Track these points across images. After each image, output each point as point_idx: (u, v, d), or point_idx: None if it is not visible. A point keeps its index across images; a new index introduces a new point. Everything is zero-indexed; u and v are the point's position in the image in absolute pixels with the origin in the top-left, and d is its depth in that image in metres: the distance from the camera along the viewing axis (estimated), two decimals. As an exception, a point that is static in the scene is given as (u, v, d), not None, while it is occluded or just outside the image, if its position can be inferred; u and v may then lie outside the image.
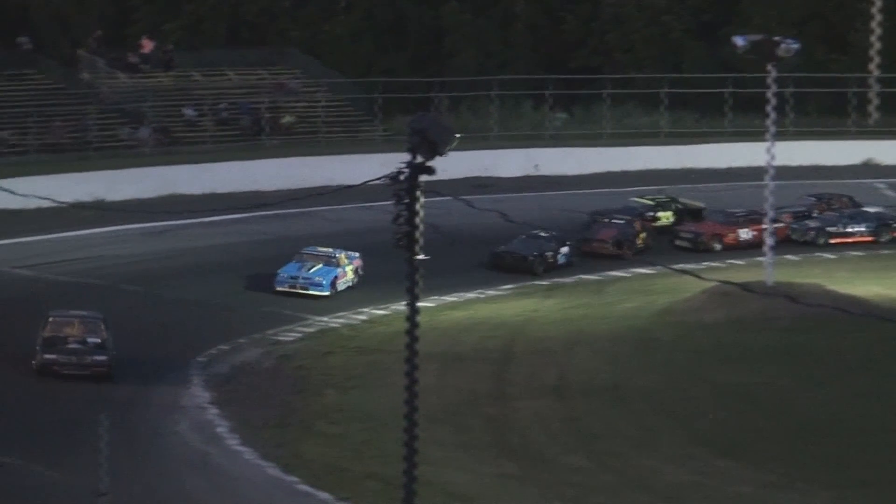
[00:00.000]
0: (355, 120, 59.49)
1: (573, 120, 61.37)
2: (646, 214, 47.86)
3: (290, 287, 40.07)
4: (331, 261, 40.82)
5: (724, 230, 46.90)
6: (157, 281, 40.77)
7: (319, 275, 40.21)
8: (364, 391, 33.67)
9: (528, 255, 43.49)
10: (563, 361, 36.28)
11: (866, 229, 48.12)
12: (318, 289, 40.10)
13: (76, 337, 32.91)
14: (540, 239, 44.06)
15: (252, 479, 28.36)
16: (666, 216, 48.68)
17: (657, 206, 49.06)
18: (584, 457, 30.45)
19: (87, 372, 32.43)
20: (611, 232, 45.75)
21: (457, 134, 16.80)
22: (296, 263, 40.62)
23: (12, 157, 52.16)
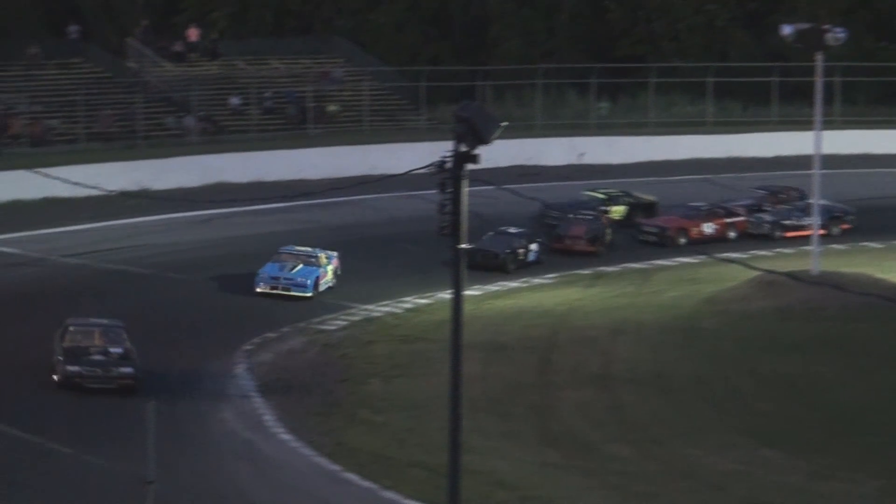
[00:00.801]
0: (400, 109, 59.53)
1: (618, 109, 61.20)
2: (598, 208, 46.73)
3: (271, 288, 38.69)
4: (311, 260, 39.51)
5: (688, 224, 46.28)
6: (203, 269, 40.96)
7: (302, 275, 38.92)
8: (408, 380, 33.74)
9: (499, 253, 42.35)
10: (607, 350, 36.23)
11: (818, 222, 47.34)
12: (301, 289, 38.73)
13: (98, 347, 31.43)
14: (510, 235, 43.02)
15: (296, 467, 28.49)
16: (618, 210, 47.60)
17: (608, 199, 47.99)
18: (627, 445, 30.41)
19: (113, 385, 30.88)
20: (582, 228, 44.81)
21: (501, 123, 16.78)
22: (275, 264, 39.30)
23: (62, 145, 52.54)
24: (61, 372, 31.09)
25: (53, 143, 52.60)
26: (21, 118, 52.66)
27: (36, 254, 42.24)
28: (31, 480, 25.82)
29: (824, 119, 42.64)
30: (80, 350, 31.34)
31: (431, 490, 26.34)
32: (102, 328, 32.21)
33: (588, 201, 47.35)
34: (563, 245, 44.36)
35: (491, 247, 42.37)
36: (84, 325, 32.34)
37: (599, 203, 47.37)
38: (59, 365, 31.24)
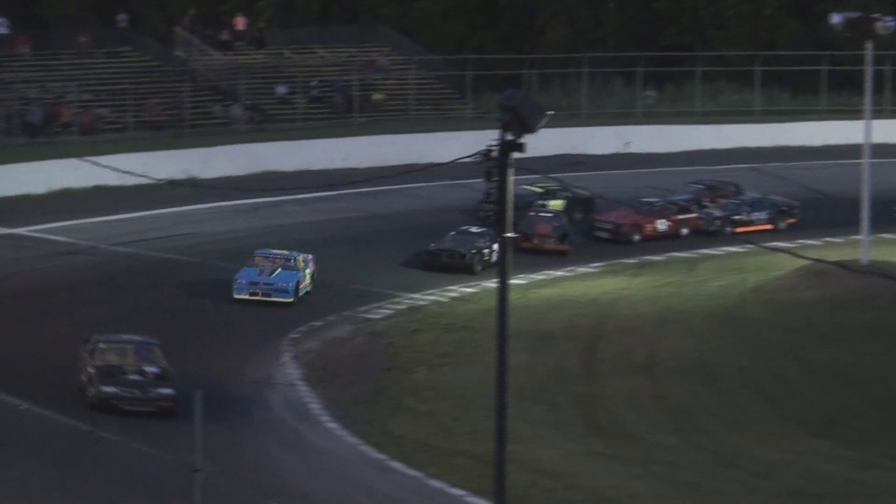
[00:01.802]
0: (445, 97, 59.51)
1: (664, 97, 60.97)
2: (535, 203, 45.13)
3: (250, 294, 36.80)
4: (289, 264, 37.70)
5: (643, 220, 44.92)
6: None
7: (282, 280, 37.10)
8: (453, 368, 33.77)
9: (466, 253, 40.70)
10: (653, 339, 36.14)
11: (766, 217, 46.41)
12: (283, 295, 36.91)
13: (133, 366, 29.38)
14: (473, 235, 41.41)
15: (343, 455, 28.57)
16: (556, 205, 45.88)
17: (546, 193, 46.21)
18: (673, 435, 30.34)
19: (151, 407, 28.84)
20: (549, 226, 43.28)
21: (547, 111, 16.76)
22: (252, 268, 37.38)
23: (110, 134, 52.87)
24: (95, 392, 29.00)
25: (102, 132, 52.94)
26: (71, 107, 53.03)
27: (86, 242, 42.53)
28: (83, 468, 26.02)
29: (874, 108, 42.31)
30: (113, 369, 29.21)
31: (477, 479, 26.37)
32: (136, 345, 30.08)
33: (525, 195, 45.02)
34: (533, 244, 42.65)
35: (457, 247, 40.81)
36: (115, 341, 30.13)
37: (537, 197, 45.60)
38: (91, 385, 29.11)
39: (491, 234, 41.04)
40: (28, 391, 27.55)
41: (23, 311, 35.42)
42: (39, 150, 47.68)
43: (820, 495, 27.38)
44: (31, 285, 37.85)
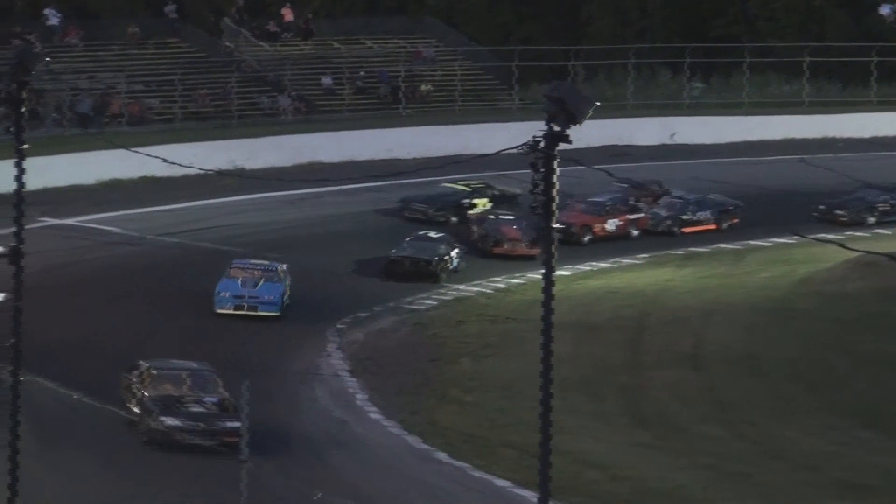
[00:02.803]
0: (491, 88, 59.49)
1: (711, 89, 60.72)
2: (462, 202, 44.41)
3: (235, 308, 34.76)
4: (271, 275, 35.83)
5: (593, 221, 43.54)
6: (295, 248, 41.23)
7: (268, 292, 35.22)
8: (499, 360, 33.78)
9: (430, 260, 38.88)
10: (699, 331, 36.02)
11: (711, 216, 45.30)
12: (271, 308, 35.07)
13: (191, 396, 27.17)
14: (433, 241, 39.84)
15: (388, 446, 28.63)
16: (482, 203, 44.67)
17: (473, 192, 45.07)
18: (719, 426, 30.25)
19: (215, 442, 26.14)
20: (516, 230, 41.70)
21: (593, 102, 16.71)
22: (233, 280, 35.36)
23: (159, 124, 53.17)
24: (153, 425, 26.67)
25: (151, 123, 53.25)
26: (120, 97, 53.36)
27: (134, 232, 42.80)
28: (131, 458, 26.19)
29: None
30: (170, 399, 26.98)
31: (522, 470, 26.39)
32: (192, 373, 27.91)
33: (450, 193, 44.80)
34: (504, 249, 41.18)
35: (419, 253, 39.03)
36: (170, 368, 27.94)
37: (464, 196, 44.68)
38: (147, 416, 26.88)
39: (448, 240, 39.90)
40: (78, 381, 27.74)
41: (72, 301, 35.67)
42: (89, 140, 47.99)
43: (868, 487, 27.24)
44: (81, 275, 38.11)
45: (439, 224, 43.35)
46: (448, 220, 43.89)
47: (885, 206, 46.44)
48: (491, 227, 41.99)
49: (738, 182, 50.17)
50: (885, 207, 46.39)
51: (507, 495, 26.20)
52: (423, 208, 44.39)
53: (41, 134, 47.24)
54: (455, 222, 43.79)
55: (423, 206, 44.42)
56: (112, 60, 55.19)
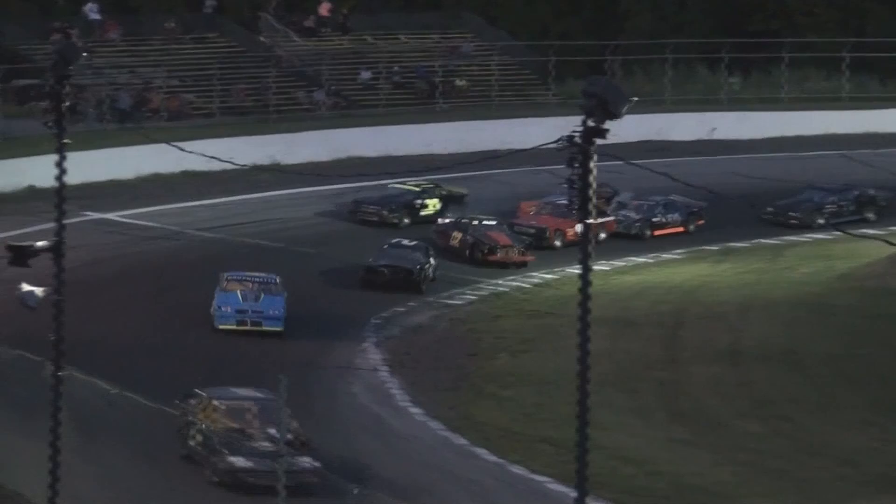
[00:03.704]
0: (528, 83, 59.44)
1: (749, 84, 60.48)
2: (414, 203, 43.53)
3: (237, 323, 32.97)
4: (271, 287, 33.98)
5: (564, 224, 41.80)
6: (333, 243, 41.33)
7: (271, 306, 33.40)
8: (535, 355, 33.77)
9: (412, 269, 37.19)
10: (737, 326, 35.91)
11: (679, 218, 44.24)
12: (274, 324, 33.18)
13: (258, 431, 24.51)
14: (409, 249, 38.18)
15: (425, 440, 28.67)
16: (433, 204, 43.72)
17: (423, 192, 44.01)
18: (758, 422, 30.15)
19: (293, 484, 22.15)
20: (506, 236, 40.65)
21: (631, 98, 16.70)
22: (230, 294, 33.49)
23: (197, 119, 53.38)
24: (220, 465, 24.38)
25: (190, 117, 53.46)
26: (159, 92, 53.59)
27: (172, 227, 42.98)
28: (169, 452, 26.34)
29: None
30: (237, 435, 24.45)
31: (559, 465, 26.38)
32: (259, 405, 24.94)
33: (400, 194, 43.79)
34: (499, 257, 39.93)
35: (400, 262, 37.32)
36: (233, 399, 25.20)
37: (415, 196, 43.72)
38: (212, 454, 24.46)
39: (424, 247, 38.35)
40: (117, 376, 27.88)
41: (111, 295, 35.85)
42: (128, 135, 48.21)
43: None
44: (119, 270, 38.30)
45: (393, 226, 42.42)
46: (401, 221, 42.99)
47: (833, 207, 45.55)
48: (479, 233, 40.39)
49: (778, 177, 49.95)
50: (833, 209, 45.48)
51: (543, 490, 26.20)
52: (375, 210, 43.25)
53: (81, 129, 47.46)
54: (407, 224, 42.79)
55: (375, 208, 43.29)
56: (151, 55, 55.44)
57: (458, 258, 40.17)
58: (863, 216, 45.71)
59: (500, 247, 40.21)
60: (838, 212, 45.59)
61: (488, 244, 40.20)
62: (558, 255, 41.05)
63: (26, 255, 19.66)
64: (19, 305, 20.37)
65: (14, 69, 51.25)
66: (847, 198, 45.89)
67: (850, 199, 45.91)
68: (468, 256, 40.15)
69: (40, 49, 52.15)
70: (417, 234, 40.63)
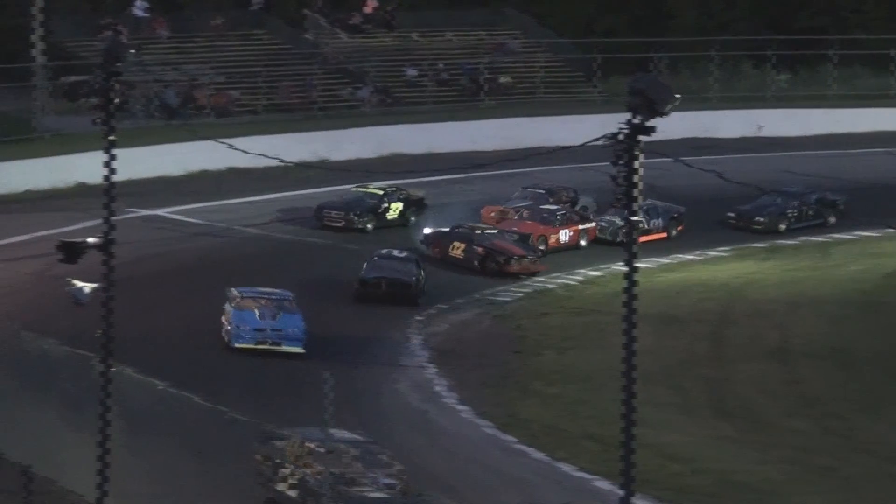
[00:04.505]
0: (574, 80, 59.37)
1: (797, 81, 60.18)
2: (379, 207, 42.44)
3: (256, 343, 31.32)
4: (286, 304, 32.23)
5: (547, 231, 41.01)
6: (378, 240, 41.36)
7: (291, 325, 31.65)
8: (580, 352, 33.75)
9: (410, 281, 35.63)
10: (785, 324, 35.75)
11: (661, 224, 43.03)
12: (295, 344, 31.53)
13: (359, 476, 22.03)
14: (402, 260, 36.38)
15: (470, 437, 28.70)
16: (395, 207, 42.70)
17: (386, 196, 42.87)
18: (805, 420, 30.02)
19: None
20: (514, 246, 39.28)
21: (676, 95, 16.67)
22: (246, 311, 31.75)
23: (243, 116, 53.61)
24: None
25: (236, 114, 53.70)
26: (206, 89, 53.84)
27: (219, 224, 43.19)
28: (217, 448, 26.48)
29: None
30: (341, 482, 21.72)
31: (604, 462, 26.35)
32: (358, 448, 22.74)
33: (363, 198, 42.56)
34: (518, 268, 38.62)
35: (397, 275, 35.63)
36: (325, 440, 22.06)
37: (379, 200, 42.54)
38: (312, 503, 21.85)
39: (415, 258, 36.70)
40: (163, 371, 28.05)
41: (159, 292, 36.05)
42: (175, 132, 48.48)
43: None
44: (166, 266, 38.52)
45: (360, 231, 41.52)
46: (367, 226, 41.97)
47: (796, 211, 44.54)
48: (486, 243, 38.83)
49: (825, 175, 49.73)
50: (796, 213, 44.53)
51: (589, 487, 26.17)
52: (342, 215, 41.93)
53: (129, 125, 47.74)
54: (373, 229, 41.82)
55: (342, 213, 41.98)
56: (198, 52, 55.72)
57: (461, 269, 38.47)
58: (823, 220, 44.78)
59: (516, 257, 38.82)
60: (801, 216, 44.56)
61: (503, 255, 38.67)
62: (605, 251, 40.93)
63: (76, 251, 19.77)
64: (69, 301, 20.51)
65: (64, 66, 51.66)
66: (809, 202, 44.83)
67: (811, 202, 44.86)
68: (480, 268, 38.52)
69: (89, 46, 52.52)
70: (384, 239, 39.82)
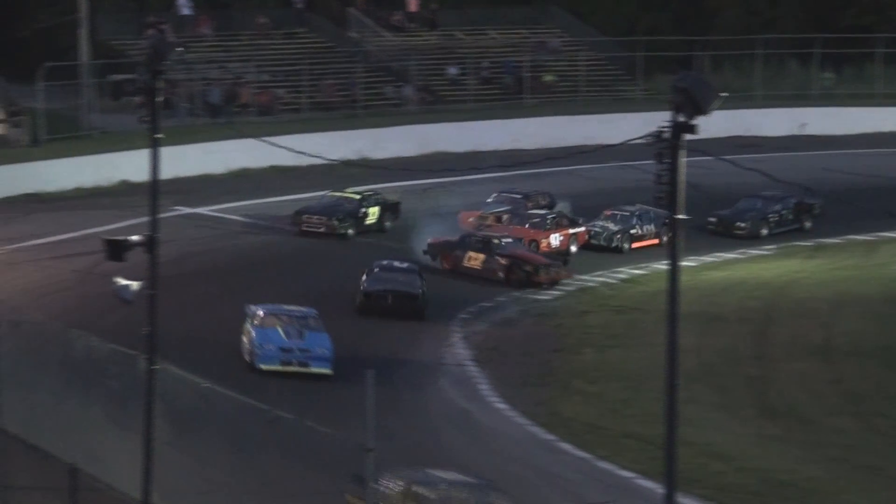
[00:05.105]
0: (616, 79, 59.28)
1: (842, 79, 59.85)
2: (359, 211, 41.54)
3: (282, 364, 29.66)
4: (310, 322, 30.69)
5: (538, 235, 39.96)
6: (421, 238, 41.41)
7: (319, 344, 30.10)
8: (622, 350, 33.69)
9: (418, 294, 34.25)
10: (829, 322, 35.57)
11: (654, 230, 41.45)
12: (323, 365, 29.91)
13: None
14: (405, 271, 34.96)
15: (512, 435, 28.71)
16: (373, 212, 41.75)
17: (364, 200, 41.89)
18: (850, 418, 29.86)
19: None
20: (537, 255, 38.40)
21: (720, 93, 16.63)
22: (270, 330, 30.25)
23: (286, 114, 53.81)
24: None
25: (279, 113, 53.89)
26: (249, 87, 54.05)
27: (262, 221, 43.34)
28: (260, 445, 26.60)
29: None
30: None
31: (646, 461, 26.29)
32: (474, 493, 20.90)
33: (341, 203, 41.46)
34: (547, 277, 37.52)
35: (403, 287, 34.20)
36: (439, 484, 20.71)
37: (358, 205, 41.54)
38: None
39: (416, 269, 35.21)
40: (208, 369, 28.20)
41: (203, 289, 36.22)
42: (219, 130, 48.73)
43: None
44: (210, 264, 38.69)
45: (341, 237, 40.59)
46: (348, 232, 40.96)
47: (776, 216, 43.70)
48: (506, 252, 37.62)
49: (870, 173, 49.44)
50: (776, 218, 43.68)
51: (631, 486, 26.14)
52: (323, 220, 40.75)
53: (173, 123, 48.02)
54: (354, 234, 40.87)
55: (322, 219, 40.79)
56: (241, 50, 55.97)
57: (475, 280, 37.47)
58: (801, 224, 44.00)
59: (543, 266, 37.68)
60: (781, 220, 43.78)
61: (531, 265, 37.56)
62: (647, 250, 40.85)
63: (122, 249, 19.83)
64: (115, 299, 20.62)
65: (110, 64, 51.98)
66: (787, 206, 43.98)
67: (790, 207, 44.02)
68: (505, 279, 37.35)
69: (135, 44, 52.84)
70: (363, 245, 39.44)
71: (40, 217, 42.41)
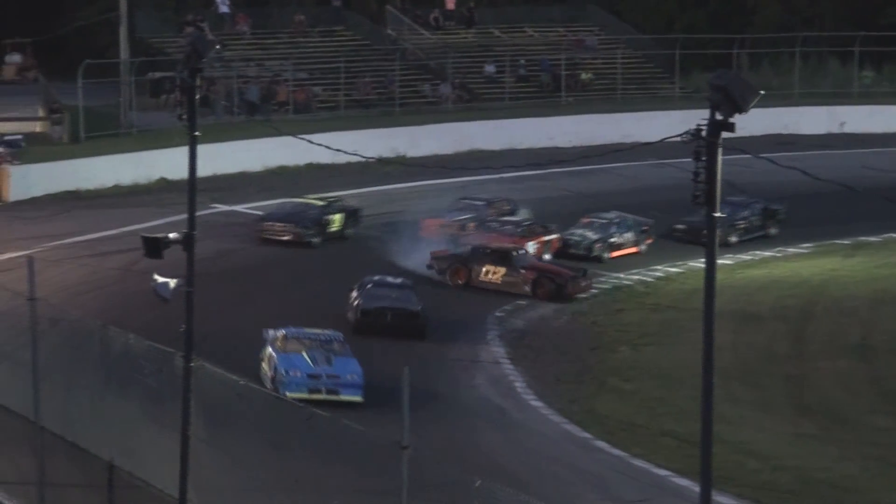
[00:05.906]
0: (653, 77, 59.16)
1: (882, 78, 59.57)
2: (323, 219, 40.16)
3: (310, 392, 28.13)
4: (335, 346, 29.29)
5: (518, 242, 38.43)
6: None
7: (348, 370, 28.70)
8: (658, 348, 33.65)
9: (418, 311, 32.58)
10: (868, 321, 35.42)
11: (633, 238, 40.53)
12: (354, 392, 28.51)
13: None
14: (400, 288, 33.29)
15: (547, 433, 28.71)
16: (337, 219, 40.53)
17: (327, 207, 40.66)
18: (889, 417, 29.73)
19: None
20: (557, 266, 37.33)
21: (759, 91, 16.59)
22: (297, 355, 28.87)
23: (323, 112, 53.96)
24: None
25: (316, 110, 54.04)
26: (287, 85, 54.23)
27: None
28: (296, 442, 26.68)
29: None
30: None
31: (682, 459, 26.27)
32: None
33: (304, 209, 40.15)
34: (573, 290, 36.31)
35: (403, 304, 32.54)
36: None
37: (321, 212, 40.21)
38: None
39: (410, 285, 33.63)
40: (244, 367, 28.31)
41: (240, 288, 36.32)
42: (256, 127, 48.93)
43: None
44: (248, 263, 38.81)
45: (307, 245, 39.33)
46: (314, 240, 39.67)
47: (745, 222, 42.62)
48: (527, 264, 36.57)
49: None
50: (745, 224, 42.60)
51: (667, 484, 26.10)
52: (288, 228, 39.41)
53: (211, 121, 48.26)
54: (319, 243, 39.58)
55: (287, 226, 39.42)
56: (279, 48, 56.15)
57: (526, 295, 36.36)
58: (766, 231, 43.00)
59: (571, 278, 36.51)
60: (749, 227, 42.70)
61: (561, 277, 36.39)
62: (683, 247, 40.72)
63: (160, 246, 19.93)
64: (153, 296, 20.73)
65: (148, 62, 52.26)
66: (755, 212, 42.99)
67: (757, 213, 43.04)
68: (532, 293, 36.17)
69: (173, 42, 53.10)
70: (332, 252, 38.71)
71: (79, 214, 42.68)
